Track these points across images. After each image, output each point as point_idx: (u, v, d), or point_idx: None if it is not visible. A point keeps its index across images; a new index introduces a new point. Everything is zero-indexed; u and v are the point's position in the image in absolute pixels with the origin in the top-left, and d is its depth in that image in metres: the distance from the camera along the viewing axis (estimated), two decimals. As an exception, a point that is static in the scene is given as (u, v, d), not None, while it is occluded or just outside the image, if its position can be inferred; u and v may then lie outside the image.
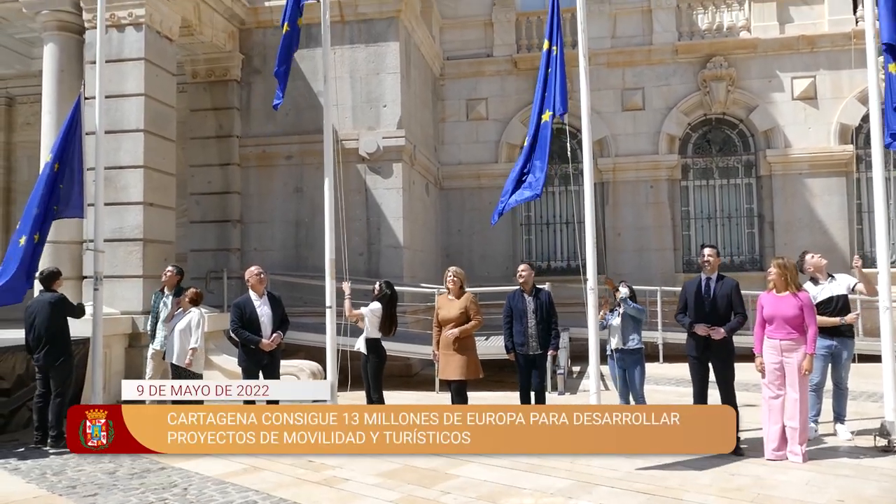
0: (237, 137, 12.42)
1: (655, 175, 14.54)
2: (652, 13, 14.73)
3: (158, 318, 8.06)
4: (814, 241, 13.20)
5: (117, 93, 9.53)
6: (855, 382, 7.63)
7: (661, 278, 13.82)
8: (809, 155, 13.98)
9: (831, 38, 13.88)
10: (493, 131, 15.08)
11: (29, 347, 7.09)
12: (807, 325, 5.96)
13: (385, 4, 12.02)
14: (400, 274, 11.59)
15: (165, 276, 8.23)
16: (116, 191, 9.51)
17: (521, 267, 7.25)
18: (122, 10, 9.68)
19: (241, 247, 12.37)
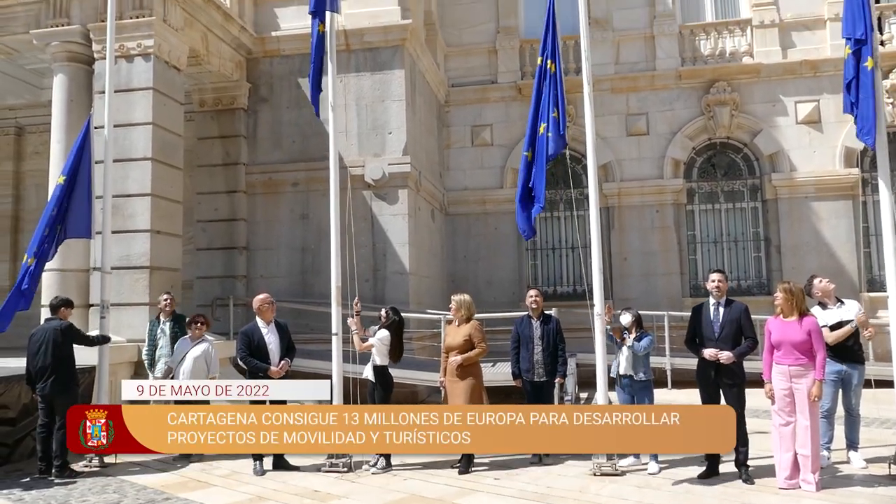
0: (244, 165, 12.50)
1: (661, 199, 14.54)
2: (655, 39, 14.84)
3: (156, 347, 8.04)
4: (821, 265, 13.13)
5: (125, 122, 9.62)
6: (867, 408, 7.52)
7: (667, 303, 13.75)
8: (815, 178, 13.97)
9: (834, 63, 13.91)
10: (498, 157, 15.13)
11: (29, 377, 7.04)
12: (815, 351, 5.90)
13: (390, 33, 12.16)
14: (406, 300, 11.57)
15: (162, 304, 8.21)
16: (124, 219, 9.56)
17: (533, 292, 7.22)
18: (131, 41, 9.81)
19: (247, 274, 12.39)
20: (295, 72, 12.37)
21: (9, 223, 14.89)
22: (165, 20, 10.09)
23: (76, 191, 7.54)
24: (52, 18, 10.13)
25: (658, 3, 14.86)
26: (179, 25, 10.44)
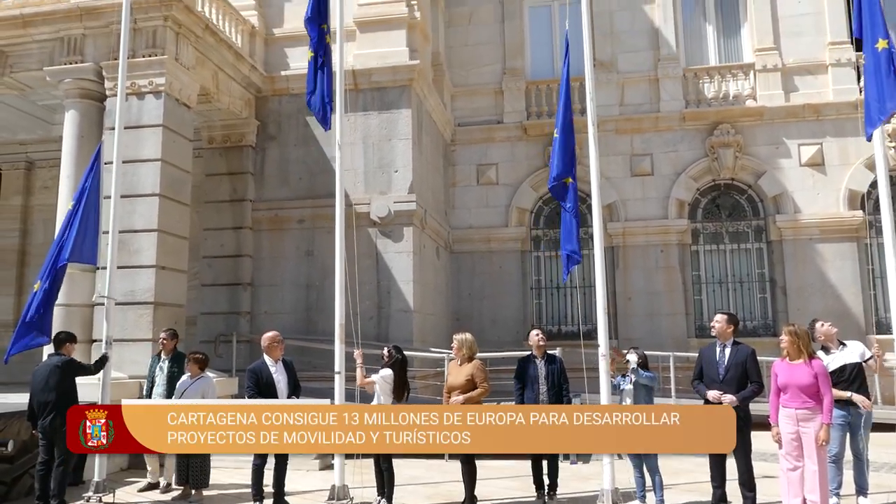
0: (250, 201, 12.59)
1: (666, 239, 14.56)
2: (659, 82, 15.02)
3: (154, 384, 8.00)
4: (827, 307, 13.08)
5: (134, 158, 9.70)
6: (876, 453, 7.42)
7: (673, 343, 13.65)
8: (819, 220, 13.99)
9: (836, 107, 14.07)
10: (503, 196, 15.22)
11: (31, 413, 6.99)
12: (822, 394, 5.84)
13: (398, 73, 12.34)
14: (410, 338, 11.53)
15: (162, 341, 8.19)
16: (129, 254, 9.58)
17: (536, 332, 7.18)
18: (142, 79, 9.96)
19: (251, 310, 12.38)
20: (303, 110, 12.45)
21: (15, 257, 14.93)
22: (177, 59, 10.26)
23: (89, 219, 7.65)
24: (65, 56, 10.32)
25: (662, 47, 15.08)
26: (191, 64, 10.62)
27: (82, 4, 10.17)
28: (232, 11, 12.17)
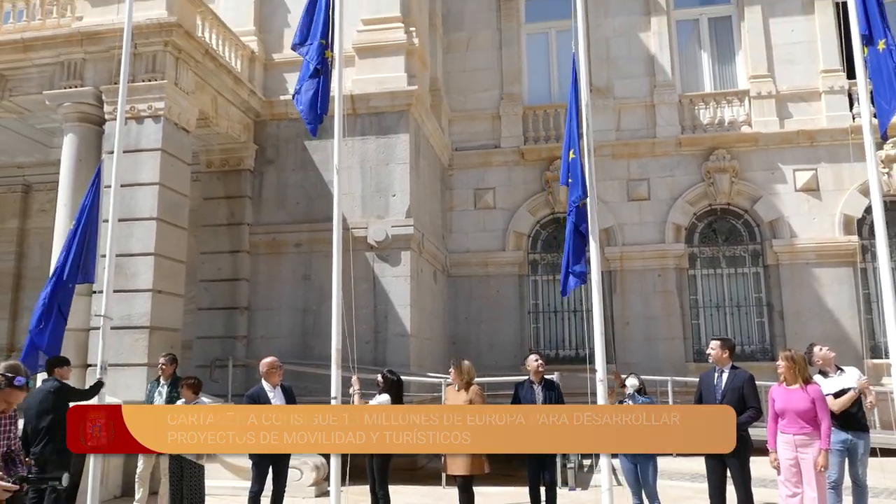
0: (248, 225, 12.60)
1: (663, 264, 14.58)
2: (655, 108, 15.14)
3: None
4: (824, 331, 13.08)
5: (133, 181, 9.72)
6: (874, 478, 7.37)
7: (671, 368, 13.62)
8: (815, 245, 14.04)
9: (830, 133, 14.19)
10: (500, 220, 15.25)
11: (25, 440, 6.92)
12: (819, 419, 5.82)
13: (396, 98, 12.43)
14: (407, 362, 11.48)
15: (161, 366, 8.13)
16: (126, 278, 9.56)
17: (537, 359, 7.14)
18: (142, 103, 10.01)
19: (247, 334, 12.33)
20: (301, 134, 12.54)
21: (10, 281, 14.89)
22: (177, 84, 10.34)
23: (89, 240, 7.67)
24: (65, 80, 10.39)
25: (658, 73, 15.23)
26: (190, 89, 10.69)
27: (83, 29, 10.27)
28: (232, 37, 12.28)
